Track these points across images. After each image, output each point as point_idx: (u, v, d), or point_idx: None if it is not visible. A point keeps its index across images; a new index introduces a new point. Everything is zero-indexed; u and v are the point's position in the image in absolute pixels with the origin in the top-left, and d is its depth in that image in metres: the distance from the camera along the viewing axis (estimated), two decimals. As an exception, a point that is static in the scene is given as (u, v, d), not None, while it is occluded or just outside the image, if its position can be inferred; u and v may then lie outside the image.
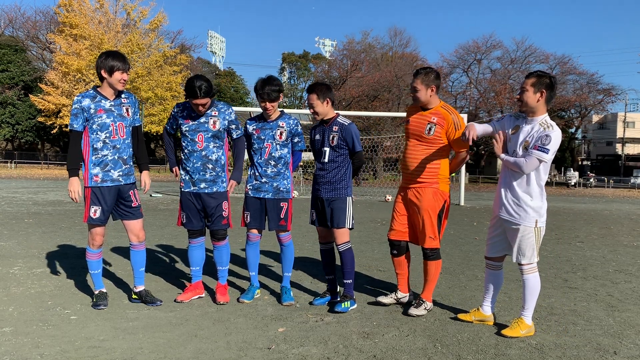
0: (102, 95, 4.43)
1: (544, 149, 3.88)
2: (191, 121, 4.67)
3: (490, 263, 4.38)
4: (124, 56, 4.49)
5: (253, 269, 4.99)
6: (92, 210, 4.42)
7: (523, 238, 4.05)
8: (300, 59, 63.52)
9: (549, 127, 3.94)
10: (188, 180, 4.74)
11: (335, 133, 4.70)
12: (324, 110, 4.76)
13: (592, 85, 49.23)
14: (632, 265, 7.24)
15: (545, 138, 3.89)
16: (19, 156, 48.88)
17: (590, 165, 68.13)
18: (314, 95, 4.72)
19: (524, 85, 4.04)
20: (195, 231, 4.84)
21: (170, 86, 42.53)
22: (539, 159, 3.90)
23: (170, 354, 3.56)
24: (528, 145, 3.96)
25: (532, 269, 4.10)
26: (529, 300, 4.11)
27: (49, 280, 5.42)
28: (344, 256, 4.74)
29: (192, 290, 4.87)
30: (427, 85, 4.50)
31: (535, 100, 3.97)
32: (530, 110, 4.02)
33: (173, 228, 9.62)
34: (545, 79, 3.97)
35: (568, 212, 16.69)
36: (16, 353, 3.48)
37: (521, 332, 4.02)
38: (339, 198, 4.71)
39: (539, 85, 3.96)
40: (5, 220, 10.26)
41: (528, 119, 4.05)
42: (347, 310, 4.59)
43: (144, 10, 44.02)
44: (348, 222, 4.74)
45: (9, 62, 47.89)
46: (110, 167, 4.43)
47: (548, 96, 3.98)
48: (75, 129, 4.40)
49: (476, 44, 50.87)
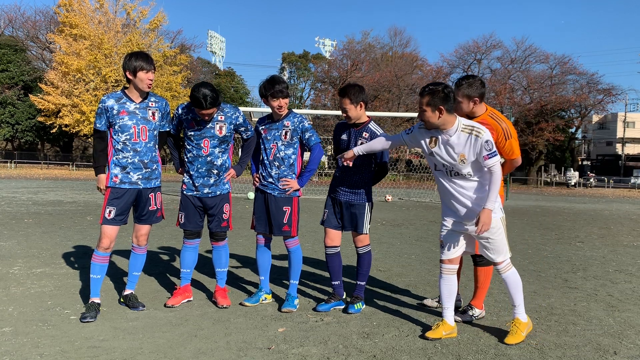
0: (128, 97, 4.38)
1: (492, 153, 3.76)
2: (197, 126, 4.52)
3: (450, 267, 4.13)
4: (147, 56, 4.39)
5: (263, 272, 4.84)
6: (107, 211, 4.36)
7: (495, 236, 3.91)
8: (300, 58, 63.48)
9: (479, 133, 3.77)
10: (191, 185, 4.63)
11: (365, 140, 4.53)
12: (357, 114, 4.56)
13: (592, 85, 49.19)
14: (632, 265, 7.24)
15: (487, 144, 3.75)
16: (19, 156, 48.85)
17: (590, 165, 68.11)
18: (346, 99, 4.52)
19: (420, 104, 3.85)
20: (192, 232, 4.72)
21: (170, 86, 42.51)
22: (497, 163, 3.79)
23: (170, 354, 3.56)
24: (465, 158, 3.81)
25: (507, 265, 4.00)
26: (516, 297, 4.02)
27: (49, 280, 5.42)
28: (363, 258, 4.69)
29: (181, 293, 4.74)
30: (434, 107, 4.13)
31: (436, 118, 3.79)
32: (437, 127, 3.86)
33: (173, 228, 9.62)
34: (438, 93, 3.77)
35: (568, 212, 16.69)
36: (16, 353, 3.48)
37: (522, 334, 3.93)
38: (359, 203, 4.61)
39: (433, 103, 3.77)
40: (5, 220, 10.26)
41: (442, 130, 3.86)
42: (359, 311, 4.57)
43: (144, 10, 44.02)
44: (366, 228, 4.65)
45: (9, 62, 47.86)
46: (129, 169, 4.36)
47: (448, 108, 3.79)
48: (98, 128, 4.41)
49: (476, 44, 50.87)
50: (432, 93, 3.80)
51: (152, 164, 4.48)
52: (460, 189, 3.95)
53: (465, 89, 4.23)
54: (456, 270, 4.15)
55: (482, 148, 3.77)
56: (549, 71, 49.46)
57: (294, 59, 64.57)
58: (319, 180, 30.14)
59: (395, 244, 8.46)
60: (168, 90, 42.17)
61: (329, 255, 4.74)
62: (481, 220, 3.79)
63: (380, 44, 58.32)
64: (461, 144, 3.82)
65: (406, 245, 8.35)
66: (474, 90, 4.23)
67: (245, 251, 7.50)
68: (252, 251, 7.45)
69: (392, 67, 50.60)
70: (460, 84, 4.27)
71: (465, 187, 3.94)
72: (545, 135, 47.13)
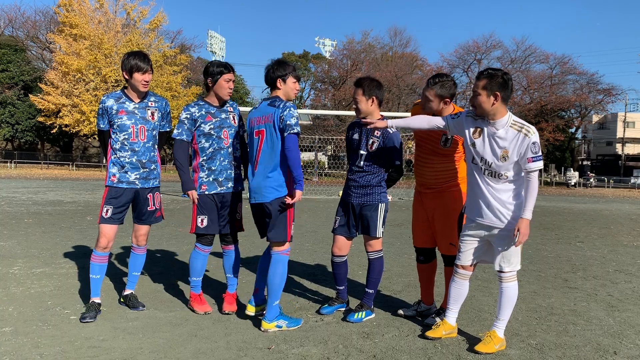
0: (128, 97, 4.38)
1: (537, 157, 3.59)
2: (213, 118, 4.37)
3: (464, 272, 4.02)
4: (145, 56, 4.36)
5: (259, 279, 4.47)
6: (105, 210, 4.36)
7: (513, 245, 3.72)
8: (300, 58, 63.44)
9: (528, 132, 3.60)
10: (212, 182, 4.37)
11: (376, 139, 4.33)
12: (368, 109, 4.35)
13: (592, 85, 49.19)
14: (632, 265, 7.24)
15: (534, 147, 3.58)
16: (19, 156, 48.83)
17: (590, 165, 68.09)
18: (359, 89, 4.30)
19: (475, 88, 3.67)
20: (210, 237, 4.48)
21: (170, 86, 42.49)
22: (539, 169, 3.64)
23: (170, 354, 3.56)
24: (507, 155, 3.63)
25: (512, 277, 3.80)
26: (504, 311, 3.81)
27: (49, 280, 5.42)
28: (373, 264, 4.47)
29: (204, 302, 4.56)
30: (441, 97, 4.12)
31: (490, 104, 3.62)
32: (487, 115, 3.68)
33: (173, 228, 9.62)
34: (497, 78, 3.61)
35: (568, 212, 16.69)
36: (16, 353, 3.48)
37: (495, 347, 3.71)
38: (371, 204, 4.38)
39: (490, 87, 3.60)
40: (5, 220, 10.25)
41: (490, 121, 3.70)
42: (361, 320, 4.34)
43: (144, 10, 43.99)
44: (379, 231, 4.41)
45: (9, 62, 47.85)
46: (127, 169, 4.36)
47: (504, 97, 3.63)
48: (101, 128, 4.44)
49: (476, 44, 50.83)
50: (490, 77, 3.63)
51: (151, 164, 4.47)
52: (491, 189, 3.75)
53: (438, 88, 4.13)
54: (469, 277, 4.00)
55: (529, 149, 3.57)
56: (549, 71, 49.46)
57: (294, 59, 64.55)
58: (319, 180, 30.13)
59: (395, 244, 8.46)
60: (168, 90, 42.13)
61: (336, 263, 4.58)
62: (521, 231, 3.62)
63: (380, 44, 58.33)
64: (508, 140, 3.63)
65: (406, 245, 8.34)
66: (446, 91, 4.15)
67: (244, 252, 7.50)
68: (252, 251, 7.45)
69: (392, 67, 50.59)
70: (434, 83, 4.15)
71: (497, 188, 3.74)
72: (545, 135, 47.08)
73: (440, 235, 4.31)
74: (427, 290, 4.59)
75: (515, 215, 3.70)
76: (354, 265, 6.35)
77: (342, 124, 44.24)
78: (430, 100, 4.16)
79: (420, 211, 4.44)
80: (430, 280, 4.58)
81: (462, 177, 4.28)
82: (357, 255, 6.82)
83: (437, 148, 4.24)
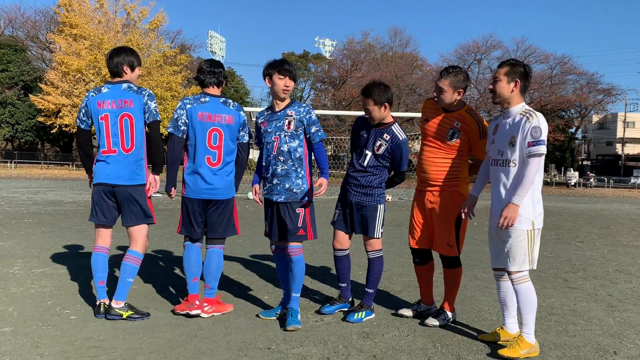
0: None
1: (538, 142, 3.57)
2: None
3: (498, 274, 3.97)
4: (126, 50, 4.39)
5: (283, 285, 4.48)
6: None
7: (514, 242, 3.67)
8: (300, 58, 63.44)
9: (530, 116, 3.64)
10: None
11: (384, 142, 4.32)
12: (381, 115, 4.33)
13: (592, 85, 49.20)
14: (632, 265, 7.24)
15: (534, 130, 3.58)
16: (19, 156, 48.85)
17: (590, 165, 68.14)
18: (370, 100, 4.25)
19: (496, 74, 3.79)
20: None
21: (170, 86, 42.49)
22: (538, 154, 3.58)
23: (170, 354, 3.56)
24: (514, 140, 3.66)
25: (522, 278, 3.70)
26: (525, 315, 3.67)
27: (49, 280, 5.42)
28: (373, 264, 4.46)
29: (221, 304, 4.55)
30: (455, 88, 4.14)
31: (509, 90, 3.74)
32: (504, 101, 3.78)
33: (172, 228, 9.62)
34: (519, 67, 3.76)
35: (568, 212, 16.69)
36: (16, 353, 3.48)
37: (521, 352, 3.59)
38: (370, 205, 4.39)
39: (512, 74, 3.73)
40: (5, 220, 10.25)
41: (505, 112, 3.81)
42: (361, 320, 4.32)
43: (144, 10, 43.99)
44: (377, 231, 4.43)
45: (9, 62, 47.88)
46: None
47: (522, 86, 3.75)
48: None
49: (476, 44, 50.84)
50: (513, 65, 3.79)
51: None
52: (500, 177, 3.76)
53: (452, 78, 4.14)
54: (508, 277, 3.83)
55: (529, 132, 3.60)
56: (549, 71, 49.46)
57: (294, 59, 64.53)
58: (319, 180, 30.08)
59: (395, 244, 8.46)
60: (168, 90, 42.16)
61: (338, 257, 4.57)
62: (503, 213, 3.61)
63: (380, 44, 58.38)
64: (515, 126, 3.70)
65: (406, 245, 8.25)
66: (460, 81, 4.16)
67: (244, 252, 7.50)
68: (252, 252, 7.45)
69: (392, 67, 50.61)
70: (448, 73, 4.16)
71: (505, 176, 3.73)
72: (545, 135, 47.12)
73: (438, 235, 4.31)
74: (427, 290, 4.59)
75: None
76: (354, 265, 6.33)
77: (342, 124, 44.24)
78: (444, 91, 4.16)
79: (419, 211, 4.43)
80: (429, 281, 4.59)
81: (463, 178, 4.29)
82: (357, 255, 6.82)
83: (444, 142, 4.23)
